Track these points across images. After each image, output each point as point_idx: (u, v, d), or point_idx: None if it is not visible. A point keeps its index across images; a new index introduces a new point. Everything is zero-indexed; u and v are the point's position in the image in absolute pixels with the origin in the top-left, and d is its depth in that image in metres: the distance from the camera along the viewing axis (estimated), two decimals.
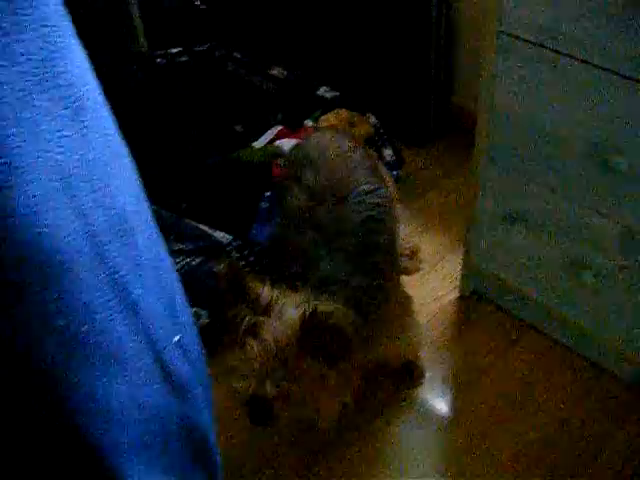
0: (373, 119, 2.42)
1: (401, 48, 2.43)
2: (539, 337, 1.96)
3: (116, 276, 0.77)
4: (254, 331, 1.33)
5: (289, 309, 1.34)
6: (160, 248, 0.89)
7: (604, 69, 1.42)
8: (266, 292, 1.38)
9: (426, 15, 2.30)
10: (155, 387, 0.84)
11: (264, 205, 2.21)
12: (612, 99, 1.44)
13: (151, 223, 0.89)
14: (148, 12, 2.54)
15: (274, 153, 2.32)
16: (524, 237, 1.81)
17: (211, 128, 2.43)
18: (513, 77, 1.59)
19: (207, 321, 1.93)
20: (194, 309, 1.92)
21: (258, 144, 2.46)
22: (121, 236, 0.79)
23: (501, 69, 1.60)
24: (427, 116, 2.52)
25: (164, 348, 0.85)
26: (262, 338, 1.31)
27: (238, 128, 2.50)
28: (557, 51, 1.48)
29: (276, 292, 1.39)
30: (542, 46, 1.49)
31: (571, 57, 1.46)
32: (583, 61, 1.45)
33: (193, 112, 2.41)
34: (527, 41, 1.51)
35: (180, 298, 0.92)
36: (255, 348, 1.31)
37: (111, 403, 0.80)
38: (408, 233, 2.25)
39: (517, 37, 1.53)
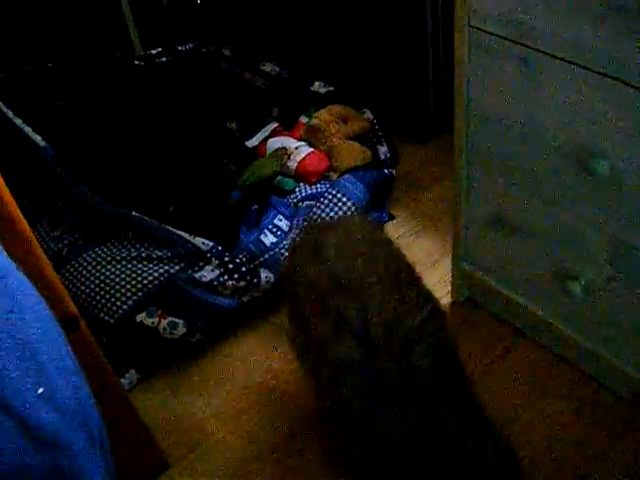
0: (369, 114, 2.33)
1: (397, 39, 2.32)
2: (533, 347, 1.84)
3: None
4: None
5: None
6: (18, 301, 0.83)
7: (579, 66, 1.30)
8: None
9: (421, 3, 2.19)
10: (13, 444, 0.78)
11: (254, 208, 2.13)
12: (590, 98, 1.32)
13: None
14: (141, 12, 2.46)
15: (281, 157, 2.24)
16: (511, 243, 1.70)
17: (204, 126, 2.35)
18: (486, 74, 1.49)
19: (184, 330, 1.87)
20: (169, 319, 1.86)
21: (251, 142, 2.38)
22: None
23: (474, 65, 1.50)
24: (427, 109, 2.41)
25: (23, 404, 0.79)
26: None
27: (232, 126, 2.42)
28: (528, 46, 1.36)
29: None
30: (512, 41, 1.38)
31: (543, 53, 1.35)
32: (555, 57, 1.33)
33: (184, 111, 2.33)
34: (497, 35, 1.40)
35: (46, 347, 0.86)
36: None
37: None
38: (402, 234, 2.17)
39: (486, 31, 1.41)
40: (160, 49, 2.33)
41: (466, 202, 1.74)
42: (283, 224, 2.08)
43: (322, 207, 2.08)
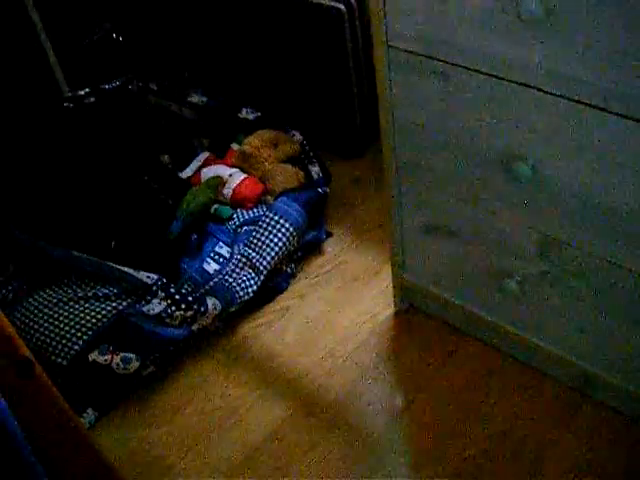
0: (298, 136, 2.38)
1: (318, 59, 2.38)
2: (477, 346, 1.91)
3: None
4: None
5: None
6: None
7: (494, 76, 1.38)
8: None
9: (340, 24, 2.25)
10: None
11: (194, 237, 2.17)
12: (505, 105, 1.40)
13: None
14: (65, 53, 2.48)
15: (216, 185, 2.28)
16: (445, 248, 1.77)
17: (137, 162, 2.37)
18: (407, 89, 1.55)
19: (138, 364, 1.88)
20: (122, 354, 1.87)
21: (185, 174, 2.42)
22: None
23: (395, 81, 1.56)
24: (354, 125, 2.47)
25: None
26: None
27: (165, 159, 2.45)
28: (444, 61, 1.43)
29: None
30: (428, 57, 1.45)
31: (459, 66, 1.42)
32: (471, 69, 1.40)
33: (117, 149, 2.35)
34: (413, 52, 1.47)
35: None
36: None
37: None
38: (341, 250, 2.22)
39: (402, 49, 1.48)
40: (88, 89, 2.35)
41: (399, 213, 1.80)
42: (224, 251, 2.12)
43: (261, 230, 2.12)
